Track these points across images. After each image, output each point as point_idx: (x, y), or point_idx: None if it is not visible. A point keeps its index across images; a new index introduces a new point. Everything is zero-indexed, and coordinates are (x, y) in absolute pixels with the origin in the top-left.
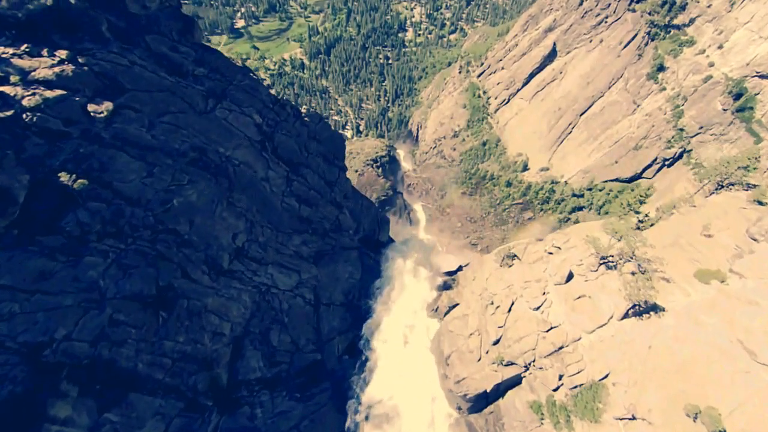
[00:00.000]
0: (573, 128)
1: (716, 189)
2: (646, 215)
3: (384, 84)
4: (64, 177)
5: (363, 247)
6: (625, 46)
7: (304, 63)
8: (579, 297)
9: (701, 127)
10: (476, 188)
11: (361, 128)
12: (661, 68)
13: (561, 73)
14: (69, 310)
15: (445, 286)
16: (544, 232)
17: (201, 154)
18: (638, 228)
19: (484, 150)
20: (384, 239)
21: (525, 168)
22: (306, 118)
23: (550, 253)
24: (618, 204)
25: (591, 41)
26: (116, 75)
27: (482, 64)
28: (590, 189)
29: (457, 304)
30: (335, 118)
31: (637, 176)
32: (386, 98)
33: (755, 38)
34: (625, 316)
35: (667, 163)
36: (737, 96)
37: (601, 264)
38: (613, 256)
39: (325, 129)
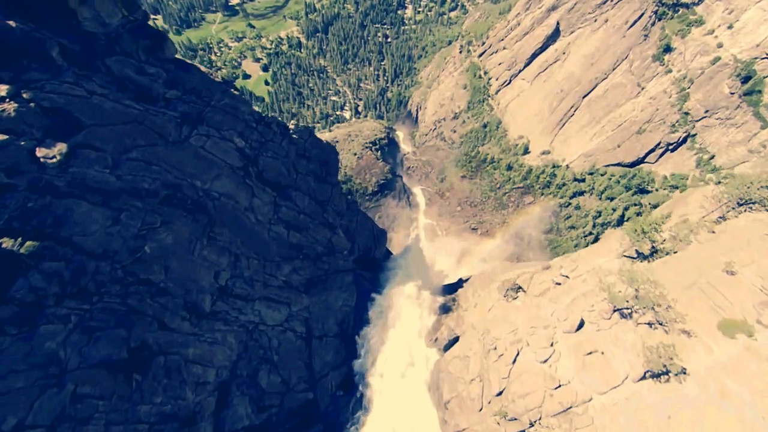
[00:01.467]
0: (575, 111)
1: (736, 205)
2: (662, 241)
3: (383, 63)
4: (7, 242)
5: (358, 268)
6: (630, 26)
7: (301, 42)
8: (590, 352)
9: (707, 111)
10: (476, 172)
11: (359, 109)
12: (667, 49)
13: (564, 53)
14: (21, 393)
15: (445, 309)
16: (545, 219)
17: (175, 191)
18: (652, 254)
19: (484, 132)
20: (380, 255)
21: (526, 151)
22: (294, 135)
23: (558, 284)
24: (630, 226)
25: (596, 21)
26: (71, 109)
27: (483, 43)
28: (592, 173)
29: (458, 337)
30: (333, 98)
31: (640, 161)
32: (385, 78)
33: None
34: (642, 377)
35: (670, 147)
36: (745, 79)
37: (614, 311)
38: (627, 301)
39: (316, 145)
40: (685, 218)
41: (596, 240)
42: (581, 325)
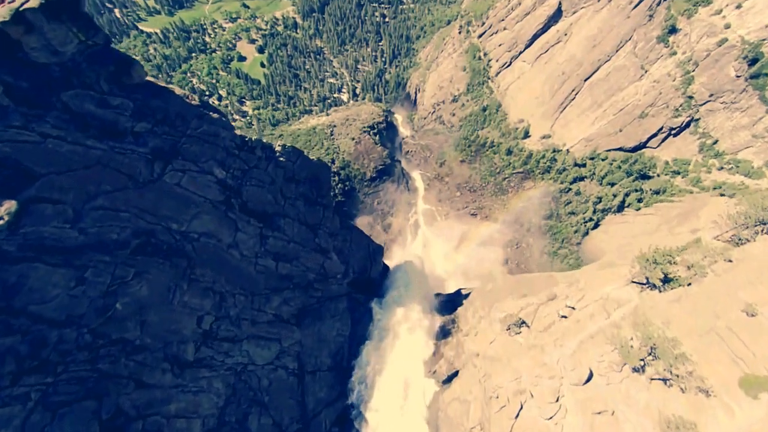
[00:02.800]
0: (576, 94)
1: (754, 225)
2: (676, 273)
3: (381, 44)
4: None
5: (353, 291)
6: (635, 6)
7: (297, 22)
8: (600, 412)
9: (711, 95)
10: (476, 156)
11: (357, 91)
12: (672, 30)
13: (566, 34)
14: None
15: (444, 332)
16: (545, 204)
17: (148, 238)
18: (665, 283)
19: (484, 116)
20: (376, 274)
21: (526, 135)
22: (282, 158)
23: (564, 316)
24: (642, 254)
25: (599, 0)
26: (20, 158)
27: (483, 23)
28: (593, 158)
29: (457, 372)
30: (330, 80)
31: (642, 146)
32: (383, 59)
33: None
34: None
35: (673, 132)
36: (753, 61)
37: (625, 364)
38: (642, 360)
39: (305, 166)
40: (697, 236)
41: (596, 226)
42: (590, 376)
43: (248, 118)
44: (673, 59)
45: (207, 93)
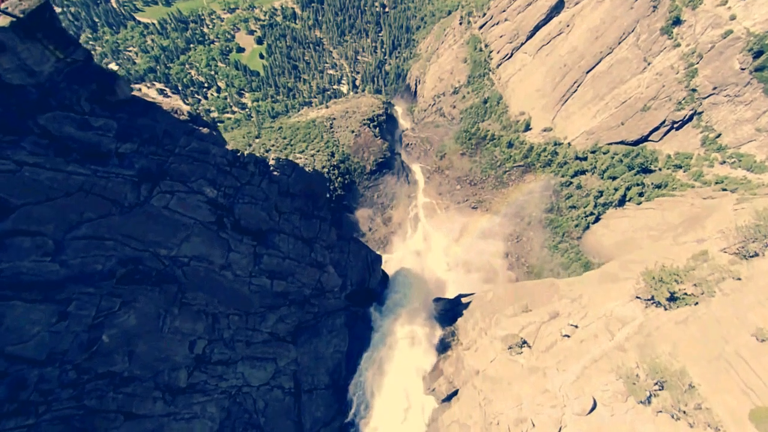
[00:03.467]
0: (578, 86)
1: (763, 237)
2: (682, 292)
3: (380, 34)
4: None
5: (351, 304)
6: None
7: (296, 12)
8: None
9: (715, 88)
10: (476, 149)
11: (357, 83)
12: (677, 22)
13: (568, 26)
14: None
15: (444, 345)
16: (545, 197)
17: (136, 265)
18: (671, 301)
19: (484, 108)
20: (375, 284)
21: (527, 128)
22: (276, 172)
23: (566, 336)
24: (648, 271)
25: None
26: None
27: (484, 14)
28: (594, 152)
29: (457, 391)
30: (330, 72)
31: (644, 139)
32: (383, 50)
33: None
34: None
35: (675, 125)
36: (758, 54)
37: (630, 395)
38: (648, 392)
39: (300, 179)
40: (703, 248)
41: (597, 220)
42: (594, 407)
43: (247, 110)
44: (676, 51)
45: (206, 85)
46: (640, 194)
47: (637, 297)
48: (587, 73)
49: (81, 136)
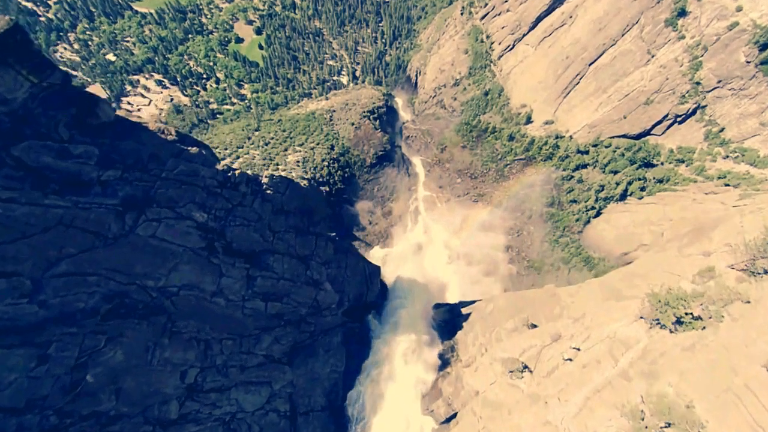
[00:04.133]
0: (581, 79)
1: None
2: (689, 316)
3: (381, 25)
4: None
5: (349, 320)
6: None
7: (295, 2)
8: None
9: (719, 81)
10: (477, 142)
11: (357, 74)
12: (682, 13)
13: (571, 17)
14: None
15: (443, 361)
16: (546, 191)
17: (122, 299)
18: (677, 324)
19: (486, 100)
20: (373, 297)
21: (528, 120)
22: (269, 190)
23: (569, 359)
24: (653, 293)
25: None
26: None
27: (486, 4)
28: (596, 145)
29: (455, 414)
30: (330, 62)
31: (646, 133)
32: (383, 41)
33: None
34: None
35: (678, 119)
36: (764, 47)
37: None
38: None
39: (295, 196)
40: (710, 264)
41: (598, 214)
42: None
43: (246, 101)
44: (681, 44)
45: (205, 76)
46: (642, 189)
47: (641, 317)
48: (590, 65)
49: (60, 166)
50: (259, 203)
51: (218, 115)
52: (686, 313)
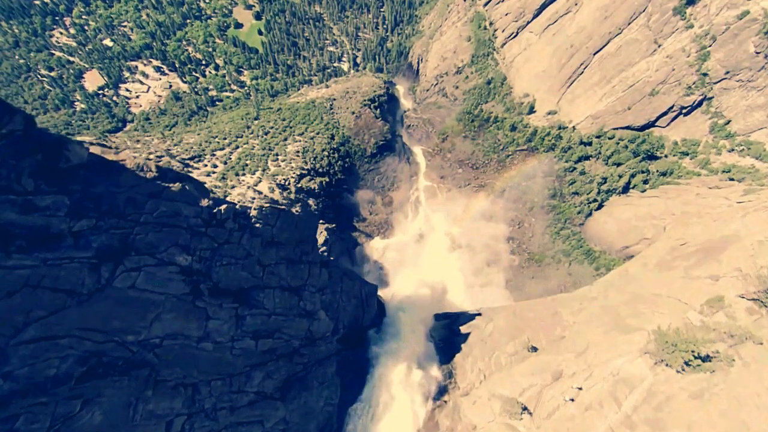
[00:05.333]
0: (585, 68)
1: None
2: (700, 359)
3: (382, 10)
4: None
5: (344, 348)
6: None
7: None
8: None
9: (727, 72)
10: (479, 132)
11: (358, 60)
12: (691, 1)
13: (576, 4)
14: None
15: (440, 390)
16: (548, 183)
17: (99, 358)
18: (686, 364)
19: (488, 89)
20: (369, 321)
21: (531, 110)
22: (258, 224)
23: (571, 399)
24: (660, 332)
25: None
26: None
27: None
28: (599, 136)
29: None
30: (330, 49)
31: (650, 124)
32: (384, 26)
33: None
34: None
35: (684, 111)
36: None
37: None
38: None
39: (287, 226)
40: (719, 292)
41: (600, 207)
42: None
43: (246, 88)
44: (688, 33)
45: (204, 62)
46: (645, 182)
47: (646, 353)
48: (594, 54)
49: (24, 221)
50: (247, 238)
51: (217, 102)
52: (695, 356)
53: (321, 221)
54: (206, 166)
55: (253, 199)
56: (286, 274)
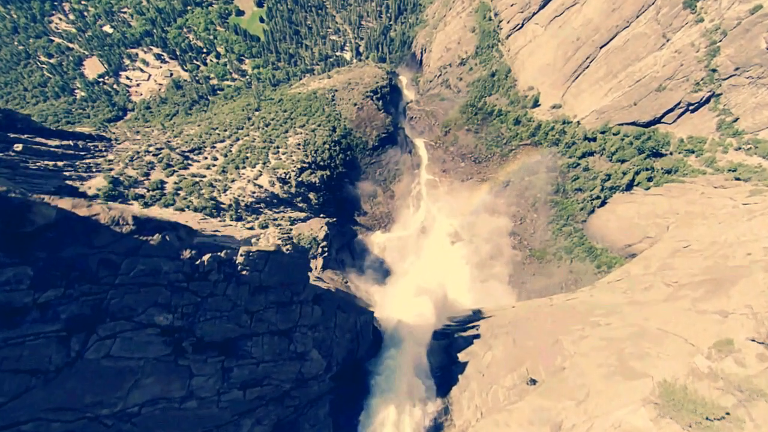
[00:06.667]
0: (591, 62)
1: None
2: (708, 420)
3: None
4: None
5: (338, 385)
6: None
7: None
8: None
9: (737, 69)
10: (482, 125)
11: (360, 49)
12: None
13: None
14: None
15: (436, 427)
16: (551, 178)
17: None
18: (707, 422)
19: (492, 81)
20: (364, 351)
21: (535, 104)
22: (245, 271)
23: None
24: (667, 389)
25: None
26: None
27: None
28: (604, 132)
29: None
30: (333, 37)
31: (656, 121)
32: (388, 15)
33: None
34: None
35: (691, 108)
36: None
37: None
38: None
39: (276, 270)
40: (728, 336)
41: (603, 204)
42: None
43: (247, 77)
44: (698, 27)
45: (205, 50)
46: (649, 179)
47: (651, 403)
48: (601, 48)
49: None
50: (233, 288)
51: (219, 91)
52: (705, 418)
53: (322, 215)
54: (206, 158)
55: (241, 243)
56: (276, 318)
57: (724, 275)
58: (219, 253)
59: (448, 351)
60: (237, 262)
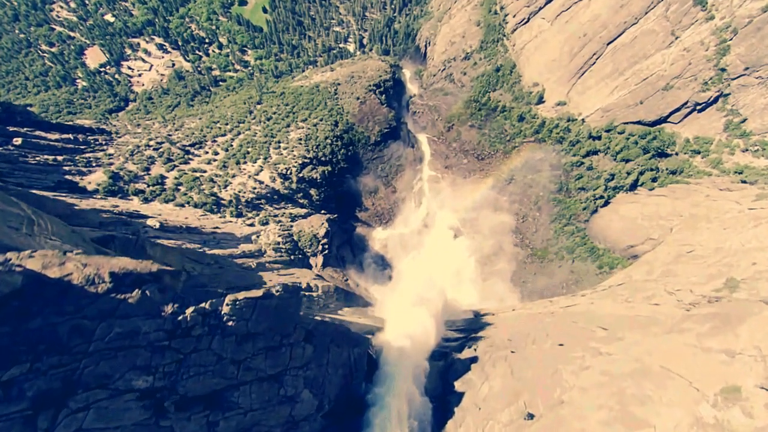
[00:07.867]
0: (597, 59)
1: None
2: None
3: None
4: None
5: (330, 424)
6: None
7: None
8: None
9: (747, 68)
10: (485, 121)
11: (364, 41)
12: None
13: None
14: None
15: None
16: (555, 177)
17: None
18: None
19: (496, 77)
20: (359, 384)
21: (540, 100)
22: (231, 321)
23: None
24: None
25: None
26: None
27: None
28: (609, 131)
29: None
30: (336, 29)
31: (662, 120)
32: (392, 6)
33: None
34: None
35: (698, 107)
36: None
37: None
38: None
39: (264, 317)
40: (735, 383)
41: (606, 204)
42: None
43: (250, 68)
44: (708, 25)
45: (207, 41)
46: (654, 179)
47: None
48: (608, 44)
49: None
50: (218, 341)
51: (221, 83)
52: None
53: (322, 211)
54: (207, 153)
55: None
56: (265, 365)
57: (731, 310)
58: (203, 305)
59: (444, 378)
60: (222, 312)
